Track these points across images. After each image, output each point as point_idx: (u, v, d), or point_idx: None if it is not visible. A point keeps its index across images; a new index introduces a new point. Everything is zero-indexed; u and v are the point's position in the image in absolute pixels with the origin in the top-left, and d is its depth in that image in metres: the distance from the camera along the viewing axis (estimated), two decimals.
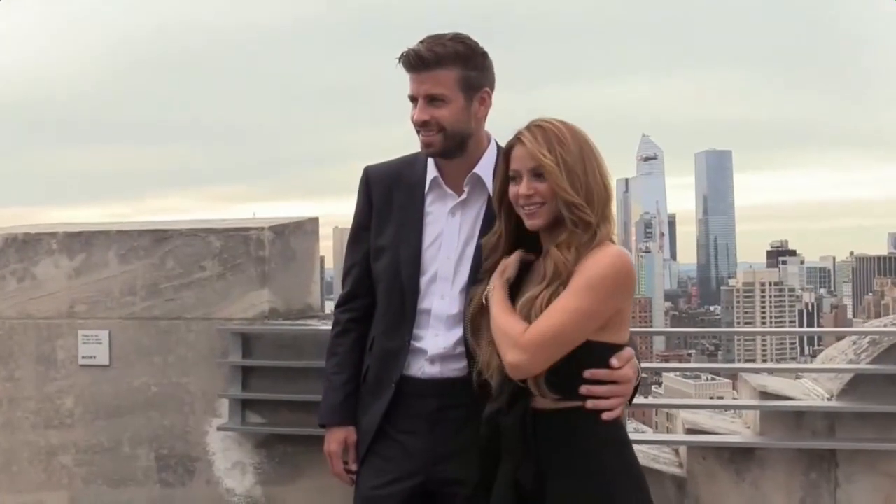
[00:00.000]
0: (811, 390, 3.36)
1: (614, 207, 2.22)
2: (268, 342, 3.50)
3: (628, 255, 2.14)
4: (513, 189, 2.20)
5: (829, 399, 3.23)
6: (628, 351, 2.17)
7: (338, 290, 2.73)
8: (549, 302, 2.07)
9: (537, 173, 2.15)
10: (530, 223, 2.19)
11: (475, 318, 2.30)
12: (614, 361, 2.12)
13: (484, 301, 2.22)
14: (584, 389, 2.09)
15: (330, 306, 3.42)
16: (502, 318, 2.13)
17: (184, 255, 3.60)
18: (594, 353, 2.10)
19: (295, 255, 3.68)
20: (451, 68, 2.38)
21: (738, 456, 3.24)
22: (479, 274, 2.36)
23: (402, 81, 2.46)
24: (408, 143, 2.58)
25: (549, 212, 2.15)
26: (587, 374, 2.09)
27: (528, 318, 2.08)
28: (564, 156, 2.13)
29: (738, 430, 3.39)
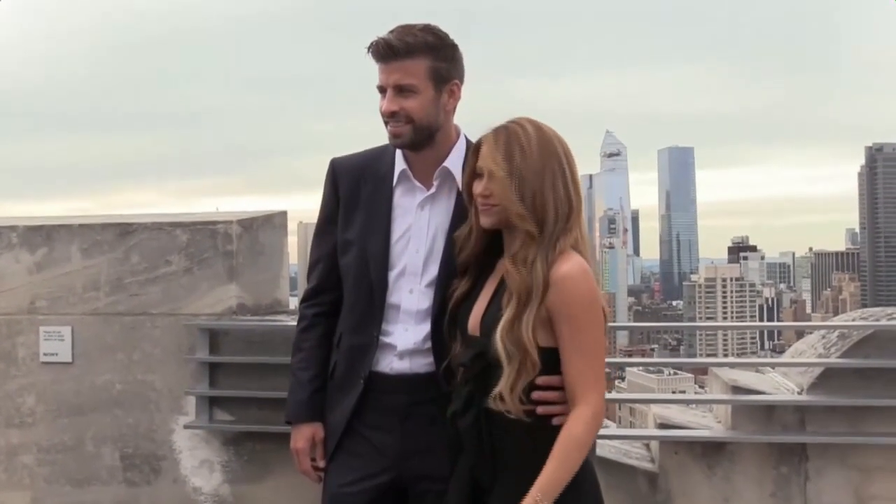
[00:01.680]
0: (781, 384, 3.38)
1: (583, 214, 2.22)
2: (236, 338, 3.44)
3: (588, 267, 2.16)
4: (475, 186, 2.22)
5: (799, 393, 3.25)
6: None
7: (302, 286, 2.70)
8: (534, 326, 2.08)
9: (493, 176, 2.17)
10: (481, 220, 2.22)
11: (452, 313, 2.30)
12: None
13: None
14: (535, 396, 2.11)
15: (294, 302, 3.37)
16: (568, 463, 2.09)
17: (149, 250, 3.53)
18: (552, 359, 2.12)
19: (263, 250, 3.62)
20: (421, 58, 2.35)
21: (710, 450, 3.25)
22: (452, 269, 2.34)
23: (372, 71, 2.45)
24: (376, 134, 2.58)
25: (499, 214, 2.17)
26: (540, 381, 2.11)
27: (518, 342, 2.08)
28: (521, 164, 2.14)
29: (709, 424, 3.40)
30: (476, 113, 2.37)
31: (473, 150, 2.25)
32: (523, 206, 2.12)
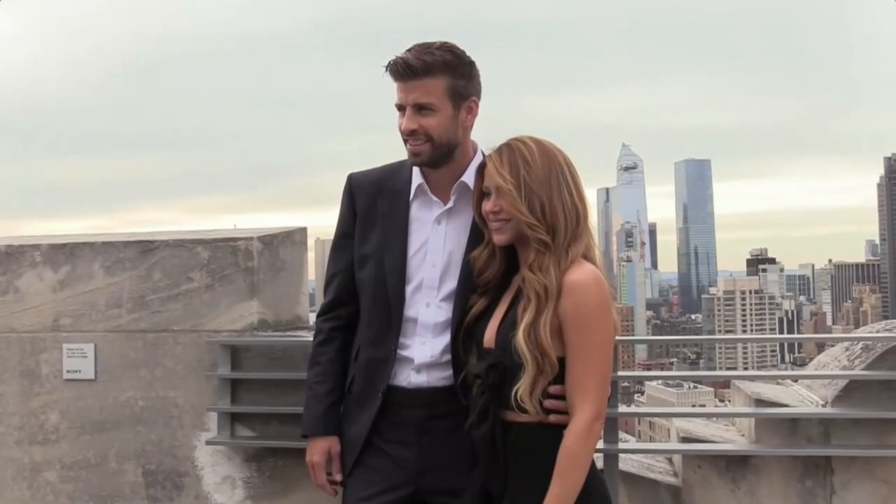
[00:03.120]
0: (805, 397, 3.33)
1: (594, 221, 2.29)
2: (257, 354, 3.44)
3: (600, 275, 2.20)
4: (484, 205, 2.27)
5: (823, 406, 3.21)
6: None
7: (320, 302, 2.70)
8: (551, 325, 2.11)
9: (501, 191, 2.22)
10: (496, 238, 2.25)
11: (468, 328, 2.32)
12: None
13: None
14: (547, 404, 2.13)
15: (313, 318, 3.37)
16: (575, 480, 2.10)
17: (171, 267, 3.54)
18: (564, 369, 2.15)
19: (284, 266, 3.62)
20: (440, 77, 2.36)
21: (734, 464, 3.21)
22: (470, 284, 2.35)
23: (387, 90, 2.47)
24: (392, 151, 2.57)
25: (513, 229, 2.21)
26: (552, 389, 2.13)
27: (537, 343, 2.11)
28: (527, 177, 2.19)
29: (732, 437, 3.36)
30: (491, 128, 2.38)
31: (478, 172, 2.31)
32: (534, 216, 2.17)
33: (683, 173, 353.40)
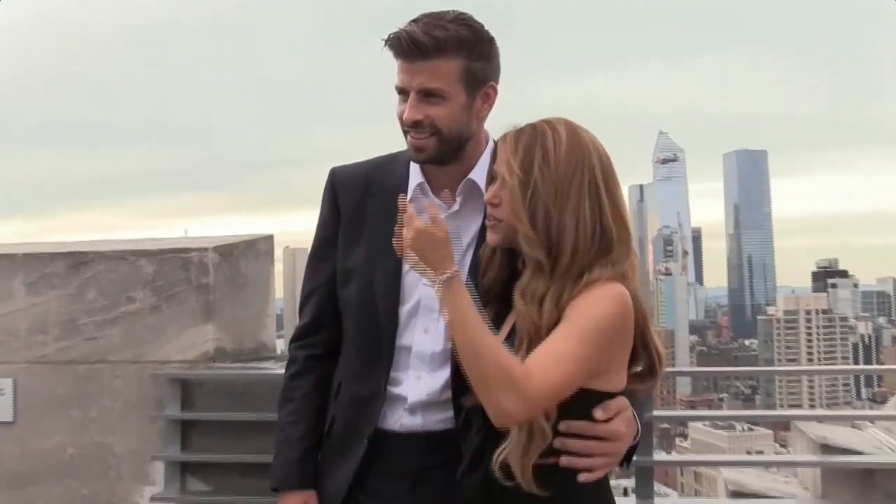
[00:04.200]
0: (885, 442, 3.36)
1: (633, 237, 2.17)
2: (213, 390, 3.47)
3: (629, 299, 2.09)
4: (489, 193, 2.22)
5: None
6: (618, 401, 2.16)
7: (290, 325, 2.71)
8: None
9: (504, 182, 2.15)
10: (488, 236, 2.20)
11: None
12: (598, 413, 2.11)
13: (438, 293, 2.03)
14: (557, 443, 2.08)
15: (282, 345, 3.38)
16: (494, 348, 1.98)
17: (108, 284, 3.57)
18: (588, 402, 2.09)
19: (246, 282, 3.66)
20: (453, 57, 2.35)
21: None
22: (480, 301, 2.34)
23: (387, 67, 2.48)
24: (383, 143, 2.57)
25: (504, 231, 2.16)
26: (562, 426, 2.08)
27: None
28: (540, 176, 2.10)
29: (793, 492, 3.39)
30: (498, 115, 2.35)
31: (492, 153, 2.29)
32: (533, 227, 2.09)
33: (734, 167, 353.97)
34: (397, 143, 2.47)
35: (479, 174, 2.46)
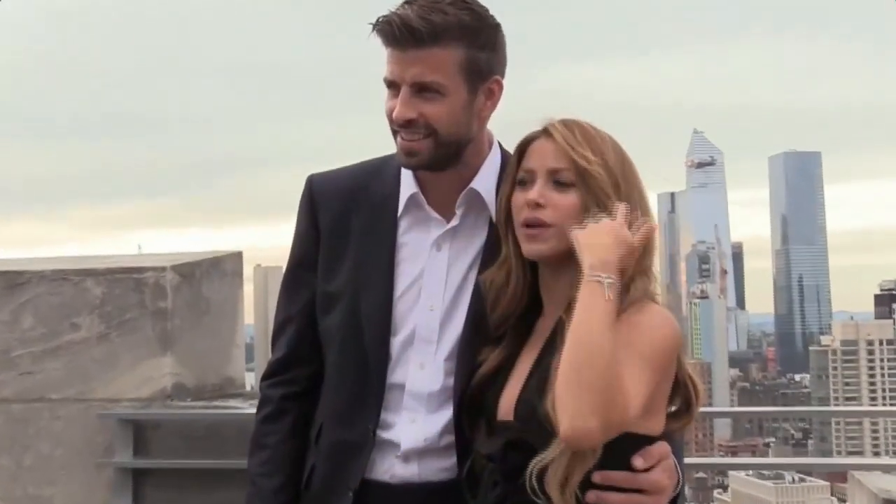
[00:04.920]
0: None
1: (656, 249, 2.22)
2: (171, 433, 3.48)
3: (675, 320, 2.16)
4: (519, 197, 2.23)
5: None
6: (660, 448, 2.18)
7: (262, 357, 2.71)
8: None
9: (560, 181, 2.17)
10: (529, 248, 2.21)
11: (474, 395, 2.31)
12: (638, 462, 2.13)
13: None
14: (591, 497, 2.10)
15: (251, 380, 3.38)
16: (613, 362, 2.01)
17: (48, 309, 3.58)
18: (627, 447, 2.11)
19: (209, 308, 3.66)
20: (453, 46, 2.35)
21: None
22: (484, 332, 2.34)
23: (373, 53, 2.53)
24: (378, 144, 2.57)
25: (558, 238, 2.17)
26: (597, 477, 2.10)
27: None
28: (609, 167, 2.17)
29: None
30: (514, 113, 2.38)
31: (517, 151, 2.29)
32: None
33: (782, 171, 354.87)
34: (391, 143, 2.47)
35: (482, 183, 2.46)
